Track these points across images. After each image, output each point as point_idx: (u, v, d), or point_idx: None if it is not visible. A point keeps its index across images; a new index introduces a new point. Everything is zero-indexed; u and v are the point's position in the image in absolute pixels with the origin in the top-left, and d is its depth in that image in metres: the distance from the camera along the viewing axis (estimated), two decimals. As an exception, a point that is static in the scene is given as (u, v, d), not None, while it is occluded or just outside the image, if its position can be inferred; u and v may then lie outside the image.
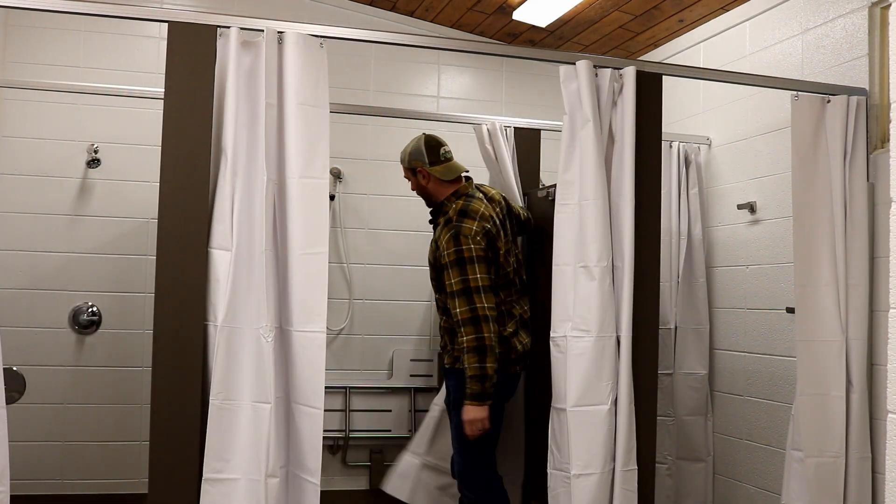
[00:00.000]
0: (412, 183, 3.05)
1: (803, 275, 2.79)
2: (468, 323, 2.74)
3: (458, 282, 2.77)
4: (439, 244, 2.85)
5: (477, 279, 2.76)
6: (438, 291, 2.96)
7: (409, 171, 3.03)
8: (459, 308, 2.75)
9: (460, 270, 2.77)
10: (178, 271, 2.27)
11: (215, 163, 2.32)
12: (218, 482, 2.24)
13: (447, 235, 2.81)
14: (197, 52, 2.31)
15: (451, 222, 2.84)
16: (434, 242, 2.93)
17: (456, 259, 2.78)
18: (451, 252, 2.79)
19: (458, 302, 2.76)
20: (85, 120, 3.83)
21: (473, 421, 2.75)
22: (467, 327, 2.74)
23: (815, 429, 2.74)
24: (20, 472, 3.00)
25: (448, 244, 2.80)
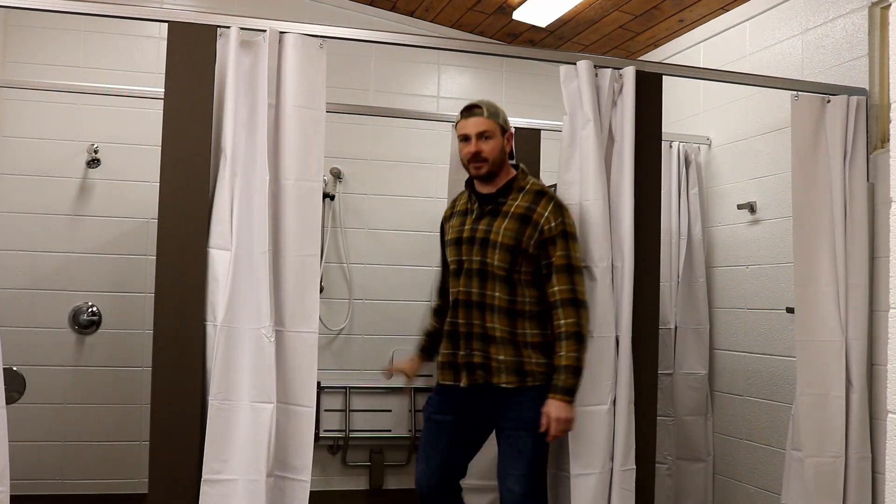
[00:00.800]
0: (494, 144, 2.49)
1: (803, 275, 2.79)
2: (567, 304, 2.39)
3: (563, 256, 2.42)
4: (535, 216, 2.44)
5: (578, 259, 2.45)
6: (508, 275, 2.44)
7: (495, 129, 2.50)
8: (559, 286, 2.40)
9: (565, 244, 2.42)
10: (178, 271, 2.27)
11: (215, 163, 2.33)
12: (217, 483, 2.24)
13: (550, 205, 2.45)
14: (197, 52, 2.31)
15: (545, 193, 2.50)
16: (518, 218, 2.45)
17: (563, 231, 2.43)
18: (558, 223, 2.43)
19: (559, 279, 2.40)
20: (85, 120, 3.83)
21: (565, 420, 2.35)
22: (567, 309, 2.38)
23: (815, 429, 2.74)
24: (20, 472, 3.00)
25: (554, 213, 2.44)
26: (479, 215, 2.51)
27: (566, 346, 2.37)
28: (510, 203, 2.48)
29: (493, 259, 2.43)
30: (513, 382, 2.42)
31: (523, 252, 2.43)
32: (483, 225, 2.49)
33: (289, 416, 2.30)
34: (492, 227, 2.46)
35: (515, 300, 2.43)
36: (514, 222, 2.45)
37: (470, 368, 2.46)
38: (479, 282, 2.46)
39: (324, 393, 3.95)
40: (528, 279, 2.44)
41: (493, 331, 2.42)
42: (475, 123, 2.48)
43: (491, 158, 2.49)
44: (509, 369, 2.41)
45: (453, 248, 2.55)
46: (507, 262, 2.43)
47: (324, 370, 2.68)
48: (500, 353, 2.42)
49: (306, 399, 2.31)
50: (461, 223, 2.56)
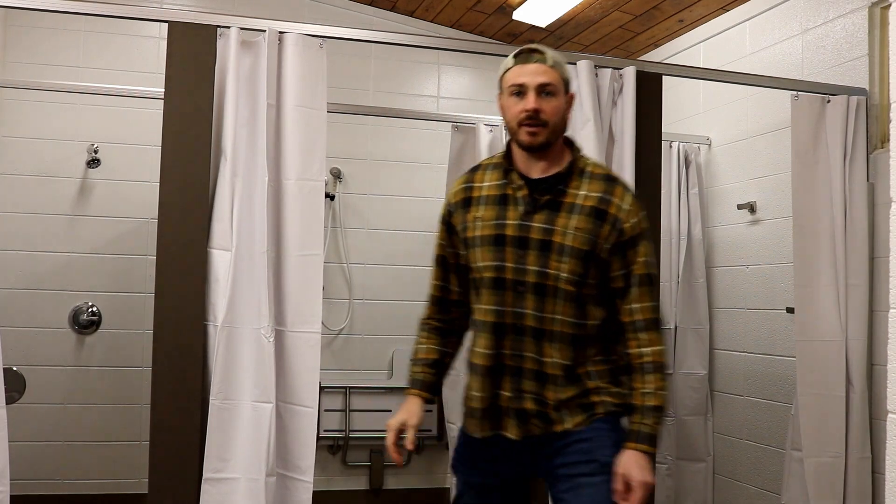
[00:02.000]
0: (557, 103, 1.84)
1: (803, 275, 2.79)
2: (652, 327, 1.84)
3: (645, 263, 1.85)
4: (612, 209, 1.84)
5: (654, 266, 1.90)
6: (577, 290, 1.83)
7: (560, 85, 1.85)
8: (642, 303, 1.83)
9: (647, 248, 1.86)
10: (178, 271, 2.27)
11: (215, 163, 2.33)
12: (218, 482, 2.24)
13: (628, 196, 1.87)
14: (197, 52, 2.31)
15: (617, 180, 1.91)
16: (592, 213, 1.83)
17: (643, 231, 1.87)
18: (641, 218, 1.86)
19: (641, 294, 1.84)
20: (85, 120, 3.83)
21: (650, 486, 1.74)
22: (651, 333, 1.83)
23: (815, 429, 2.74)
24: (20, 472, 3.00)
25: (634, 207, 1.85)
26: (531, 207, 1.84)
27: (653, 380, 1.80)
28: (573, 192, 1.85)
29: (558, 269, 1.80)
30: (583, 422, 1.83)
31: (596, 259, 1.82)
32: (540, 222, 1.82)
33: (291, 417, 2.30)
34: (555, 226, 1.81)
35: (584, 323, 1.83)
36: (587, 219, 1.81)
37: (521, 416, 1.84)
38: (536, 300, 1.81)
39: (324, 393, 3.95)
40: (594, 293, 1.84)
41: (553, 367, 1.81)
42: (536, 72, 1.81)
43: (552, 123, 1.82)
44: (574, 409, 1.83)
45: (489, 249, 1.85)
46: (578, 273, 1.80)
47: (324, 370, 2.67)
48: (560, 394, 1.82)
49: (309, 399, 2.31)
50: (499, 215, 1.86)
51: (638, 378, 1.81)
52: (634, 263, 1.84)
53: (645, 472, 1.73)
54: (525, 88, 1.81)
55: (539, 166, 1.87)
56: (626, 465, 1.75)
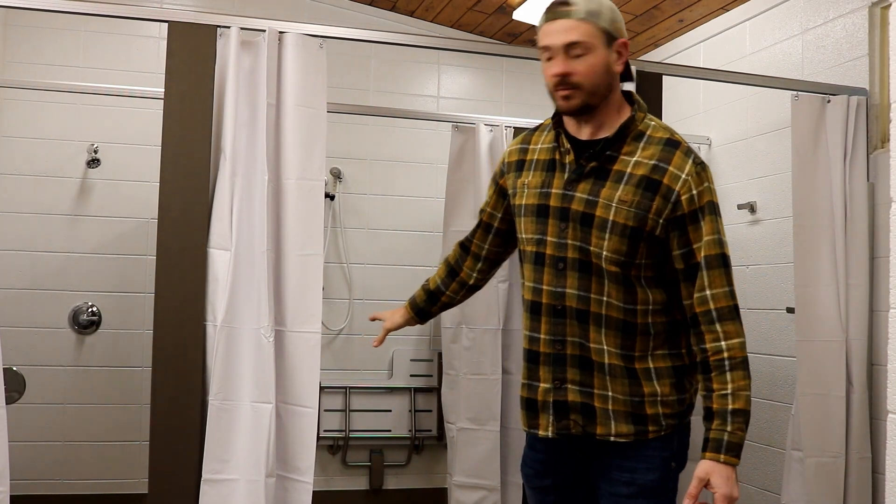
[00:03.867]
0: (593, 59, 1.61)
1: (803, 275, 2.79)
2: (728, 317, 1.60)
3: (714, 242, 1.60)
4: (666, 179, 1.61)
5: (727, 244, 1.64)
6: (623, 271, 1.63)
7: (596, 37, 1.61)
8: (713, 289, 1.59)
9: (714, 224, 1.61)
10: (178, 271, 2.27)
11: (215, 163, 2.33)
12: (217, 483, 2.24)
13: (689, 162, 1.63)
14: (197, 52, 2.31)
15: (680, 143, 1.67)
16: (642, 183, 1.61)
17: (710, 203, 1.62)
18: (705, 189, 1.62)
19: (712, 278, 1.59)
20: (85, 120, 3.83)
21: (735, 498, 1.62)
22: (728, 324, 1.60)
23: (815, 429, 2.74)
24: (20, 472, 3.00)
25: (697, 176, 1.62)
26: (576, 175, 1.65)
27: (734, 379, 1.56)
28: (625, 159, 1.63)
29: (600, 246, 1.60)
30: (628, 435, 1.63)
31: (648, 236, 1.60)
32: (583, 192, 1.63)
33: (291, 417, 2.30)
34: (599, 196, 1.61)
35: (635, 308, 1.63)
36: (635, 190, 1.59)
37: (560, 410, 1.67)
38: (580, 278, 1.62)
39: (324, 393, 3.95)
40: (650, 275, 1.63)
41: (601, 354, 1.63)
42: (562, 29, 1.59)
43: (588, 84, 1.61)
44: (622, 414, 1.63)
45: (532, 221, 1.69)
46: (624, 252, 1.60)
47: (324, 370, 2.68)
48: (609, 389, 1.63)
49: (309, 400, 2.31)
50: (545, 182, 1.68)
51: (716, 377, 1.56)
52: (699, 242, 1.58)
53: (731, 484, 1.55)
54: (552, 50, 1.61)
55: (588, 129, 1.67)
56: (708, 471, 1.54)
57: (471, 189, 3.32)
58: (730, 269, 1.62)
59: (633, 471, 1.64)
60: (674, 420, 1.66)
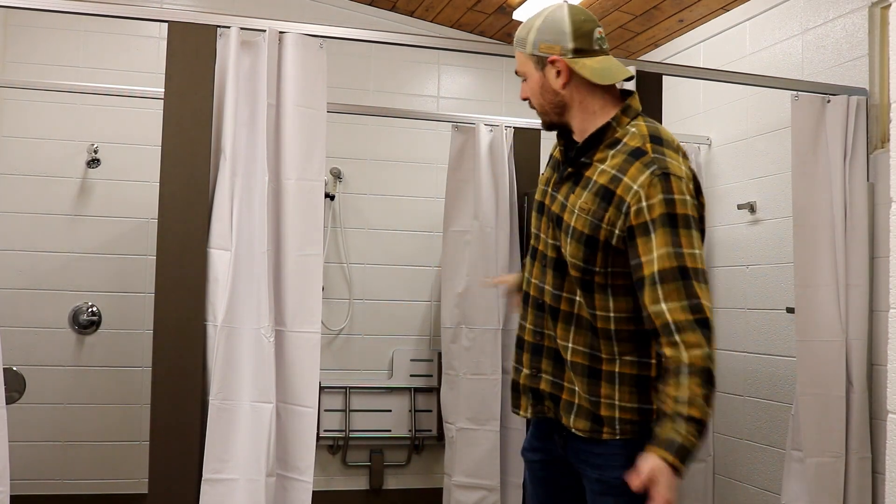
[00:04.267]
0: (531, 83, 1.75)
1: (803, 275, 2.79)
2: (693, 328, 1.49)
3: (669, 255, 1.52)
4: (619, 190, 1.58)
5: (696, 256, 1.54)
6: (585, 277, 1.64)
7: (527, 64, 1.75)
8: (673, 302, 1.51)
9: (671, 236, 1.53)
10: (178, 271, 2.27)
11: (215, 163, 2.33)
12: (217, 482, 2.24)
13: (646, 173, 1.57)
14: (197, 52, 2.31)
15: (645, 154, 1.60)
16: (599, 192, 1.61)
17: (666, 215, 1.54)
18: (658, 201, 1.55)
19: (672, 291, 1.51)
20: (85, 120, 3.83)
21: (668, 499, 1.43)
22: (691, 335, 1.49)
23: (815, 429, 2.74)
24: (20, 472, 3.00)
25: (652, 188, 1.55)
26: (559, 179, 1.73)
27: (691, 385, 1.46)
28: (597, 165, 1.64)
29: (566, 250, 1.65)
30: (585, 430, 1.66)
31: (605, 245, 1.60)
32: (562, 195, 1.69)
33: (291, 417, 2.30)
34: (568, 201, 1.66)
35: (595, 314, 1.64)
36: (594, 198, 1.61)
37: (536, 396, 1.76)
38: (555, 276, 1.69)
39: (324, 393, 3.95)
40: (619, 283, 1.62)
41: (566, 351, 1.67)
42: (516, 61, 1.81)
43: (536, 104, 1.76)
44: (583, 410, 1.66)
45: (536, 216, 1.79)
46: (582, 258, 1.61)
47: (324, 370, 2.68)
48: (575, 384, 1.67)
49: (308, 399, 2.31)
50: (549, 180, 1.78)
51: (672, 382, 1.48)
52: (649, 255, 1.52)
53: (669, 488, 1.41)
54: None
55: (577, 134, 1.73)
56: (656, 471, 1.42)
57: (471, 189, 3.32)
58: (692, 282, 1.51)
59: (601, 468, 1.67)
60: (634, 427, 1.62)
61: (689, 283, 1.51)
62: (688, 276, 1.51)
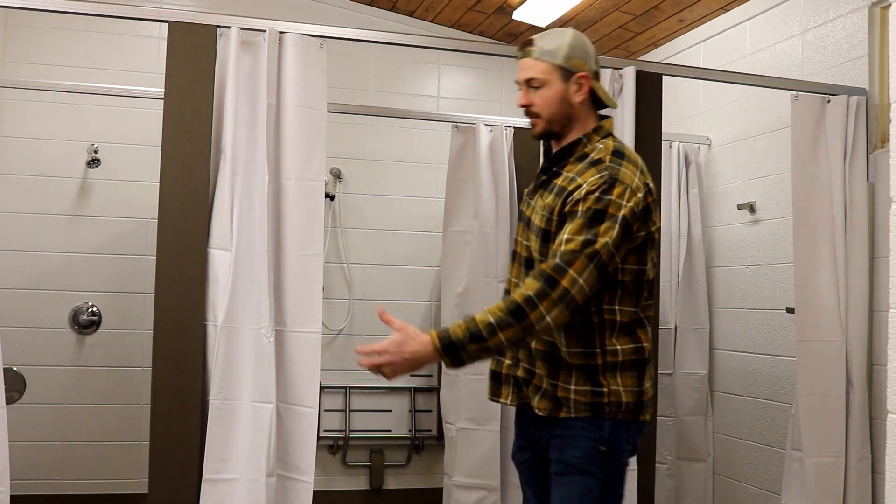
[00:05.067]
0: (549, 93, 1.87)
1: (803, 275, 2.79)
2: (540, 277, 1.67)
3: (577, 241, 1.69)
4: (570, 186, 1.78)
5: (607, 245, 1.70)
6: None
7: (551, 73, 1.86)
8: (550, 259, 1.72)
9: (589, 226, 1.70)
10: (178, 271, 2.27)
11: (215, 163, 2.33)
12: (217, 482, 2.24)
13: (596, 176, 1.74)
14: (197, 52, 2.31)
15: (603, 162, 1.78)
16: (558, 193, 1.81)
17: (595, 211, 1.71)
18: (594, 198, 1.72)
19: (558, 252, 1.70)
20: (85, 120, 3.83)
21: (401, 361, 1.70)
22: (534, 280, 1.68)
23: (815, 429, 2.74)
24: (20, 472, 3.00)
25: (594, 186, 1.73)
26: (534, 187, 1.97)
27: (500, 305, 1.68)
28: (565, 175, 1.84)
29: (532, 247, 1.87)
30: (545, 410, 1.82)
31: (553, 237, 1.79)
32: (535, 200, 1.92)
33: (291, 417, 2.30)
34: (536, 205, 1.89)
35: None
36: (553, 199, 1.82)
37: (517, 384, 1.94)
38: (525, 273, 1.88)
39: (324, 393, 3.95)
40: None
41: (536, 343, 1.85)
42: (523, 67, 1.90)
43: (546, 114, 1.86)
44: (545, 393, 1.84)
45: (519, 223, 2.02)
46: (538, 251, 1.83)
47: (324, 370, 2.67)
48: (539, 368, 1.86)
49: (309, 399, 2.31)
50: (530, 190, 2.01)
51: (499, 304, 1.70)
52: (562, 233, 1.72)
53: (411, 347, 1.67)
54: (519, 84, 1.95)
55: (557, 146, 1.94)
56: (405, 339, 1.69)
57: (470, 189, 3.32)
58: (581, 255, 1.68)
59: (561, 448, 1.82)
60: (589, 407, 1.78)
61: (577, 254, 1.68)
62: (582, 250, 1.68)
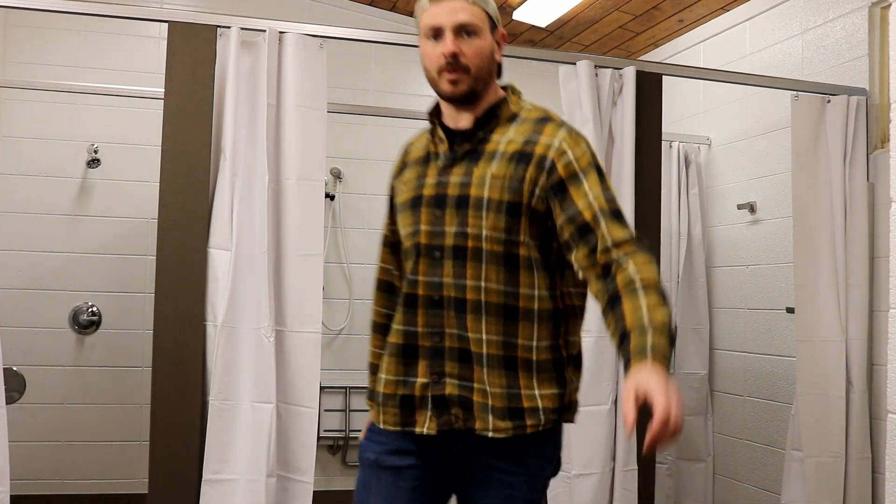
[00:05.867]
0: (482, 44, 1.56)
1: (803, 275, 2.79)
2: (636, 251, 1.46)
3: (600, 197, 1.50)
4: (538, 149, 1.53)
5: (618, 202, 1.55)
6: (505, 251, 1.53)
7: (484, 22, 1.57)
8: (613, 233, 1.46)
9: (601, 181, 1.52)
10: (178, 271, 2.27)
11: (215, 163, 2.33)
12: (217, 483, 2.24)
13: (562, 131, 1.54)
14: (197, 52, 2.31)
15: (552, 120, 1.58)
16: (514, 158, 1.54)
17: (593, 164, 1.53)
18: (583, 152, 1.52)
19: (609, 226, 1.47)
20: (85, 120, 3.83)
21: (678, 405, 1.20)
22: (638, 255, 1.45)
23: (815, 429, 2.74)
24: (20, 472, 3.00)
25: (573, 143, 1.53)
26: (449, 161, 1.60)
27: (650, 299, 1.37)
28: (497, 140, 1.58)
29: (478, 227, 1.53)
30: (506, 430, 1.51)
31: (527, 210, 1.52)
32: (457, 176, 1.57)
33: (291, 417, 2.30)
34: (471, 178, 1.55)
35: (517, 292, 1.53)
36: (508, 164, 1.53)
37: (440, 405, 1.55)
38: (456, 266, 1.54)
39: (324, 393, 3.95)
40: (537, 257, 1.54)
41: (479, 344, 1.52)
42: (453, 10, 1.54)
43: (475, 68, 1.56)
44: (500, 409, 1.51)
45: (408, 214, 1.63)
46: (504, 228, 1.52)
47: (324, 370, 2.67)
48: (487, 383, 1.51)
49: (309, 399, 2.31)
50: (420, 175, 1.64)
51: (628, 301, 1.38)
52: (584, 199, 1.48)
53: (670, 385, 1.21)
54: (442, 30, 1.55)
55: (466, 118, 1.60)
56: (642, 379, 1.23)
57: (471, 189, 3.32)
58: (625, 221, 1.50)
59: (511, 486, 1.56)
60: (554, 415, 1.54)
61: (624, 221, 1.50)
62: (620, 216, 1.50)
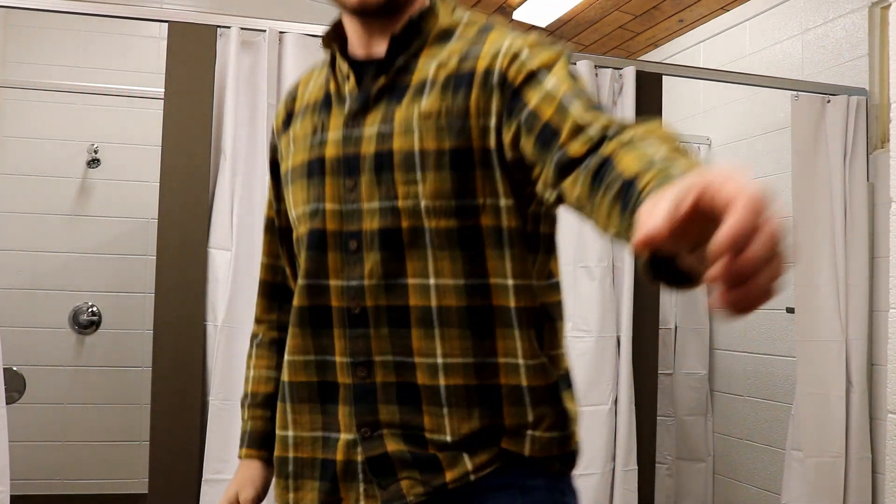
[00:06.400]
0: None
1: (803, 275, 2.79)
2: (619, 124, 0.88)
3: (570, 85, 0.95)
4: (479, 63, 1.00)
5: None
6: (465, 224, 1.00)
7: None
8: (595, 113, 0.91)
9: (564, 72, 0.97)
10: (178, 271, 2.27)
11: (215, 163, 2.33)
12: (218, 483, 2.24)
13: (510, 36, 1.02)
14: (197, 52, 2.31)
15: (495, 27, 1.06)
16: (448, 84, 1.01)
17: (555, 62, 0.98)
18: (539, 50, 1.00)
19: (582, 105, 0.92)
20: (85, 120, 3.83)
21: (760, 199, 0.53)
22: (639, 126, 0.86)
23: (815, 429, 2.74)
24: (20, 472, 3.00)
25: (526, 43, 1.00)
26: (360, 105, 1.06)
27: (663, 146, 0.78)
28: (424, 66, 1.04)
29: (413, 195, 1.00)
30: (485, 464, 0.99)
31: (481, 155, 1.00)
32: (372, 124, 1.04)
33: None
34: (393, 125, 1.02)
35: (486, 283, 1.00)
36: (442, 95, 1.01)
37: (381, 471, 1.01)
38: (386, 259, 1.01)
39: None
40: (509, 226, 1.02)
41: (433, 372, 0.99)
42: None
43: None
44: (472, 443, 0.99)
45: (301, 186, 1.09)
46: (452, 191, 1.00)
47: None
48: (448, 430, 0.99)
49: None
50: (316, 129, 1.09)
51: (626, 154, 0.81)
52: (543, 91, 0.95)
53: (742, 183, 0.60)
54: None
55: (381, 43, 1.07)
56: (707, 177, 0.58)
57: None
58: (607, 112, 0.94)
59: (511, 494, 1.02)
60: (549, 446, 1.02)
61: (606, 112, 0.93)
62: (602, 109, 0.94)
